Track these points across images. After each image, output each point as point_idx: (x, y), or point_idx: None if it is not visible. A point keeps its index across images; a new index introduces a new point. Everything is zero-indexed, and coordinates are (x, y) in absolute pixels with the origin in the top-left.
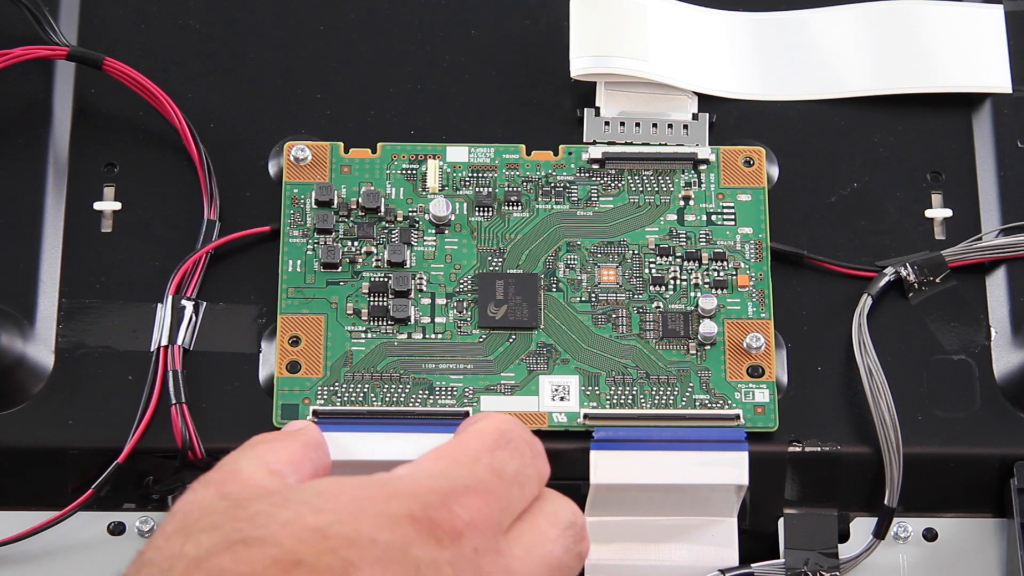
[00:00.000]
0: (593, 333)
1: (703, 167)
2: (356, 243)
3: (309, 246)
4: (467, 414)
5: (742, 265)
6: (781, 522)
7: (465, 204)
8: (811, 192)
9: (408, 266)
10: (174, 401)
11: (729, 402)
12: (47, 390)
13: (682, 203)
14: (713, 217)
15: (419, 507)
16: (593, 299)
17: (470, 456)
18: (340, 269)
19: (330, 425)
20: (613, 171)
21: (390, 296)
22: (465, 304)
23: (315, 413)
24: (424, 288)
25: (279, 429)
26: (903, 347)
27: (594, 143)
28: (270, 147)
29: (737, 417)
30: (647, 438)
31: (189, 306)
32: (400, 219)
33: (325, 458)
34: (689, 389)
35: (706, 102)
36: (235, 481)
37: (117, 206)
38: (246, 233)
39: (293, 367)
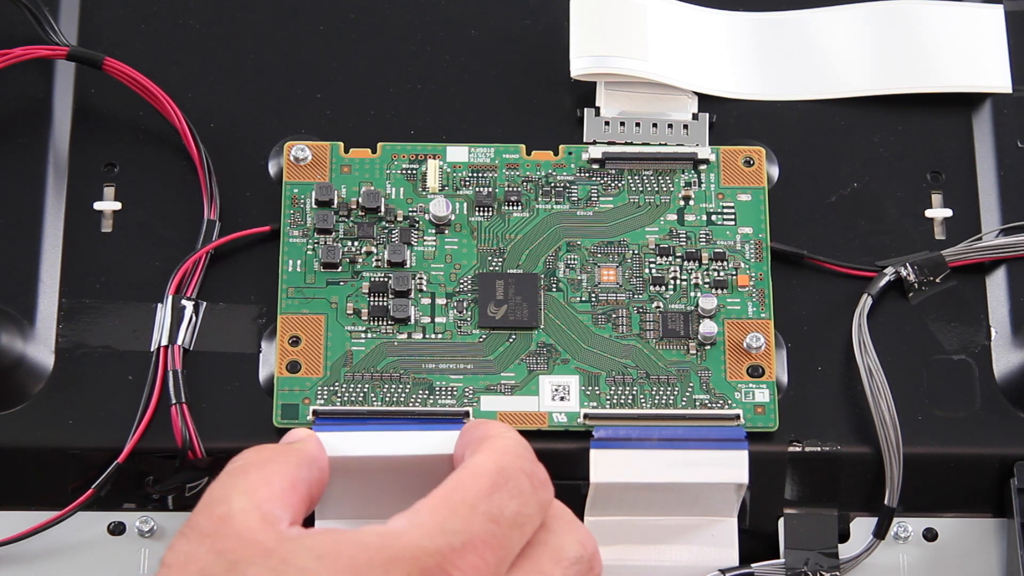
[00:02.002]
0: (593, 333)
1: (703, 167)
2: (356, 243)
3: (309, 246)
4: (467, 414)
5: (742, 265)
6: (781, 522)
7: (465, 204)
8: (811, 192)
9: (408, 266)
10: (174, 401)
11: (729, 402)
12: (47, 390)
13: (682, 203)
14: (713, 217)
15: (418, 572)
16: (593, 299)
17: (468, 504)
18: (340, 269)
19: (330, 425)
20: (613, 171)
21: (390, 296)
22: (465, 304)
23: (315, 413)
24: (424, 288)
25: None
26: (903, 347)
27: (594, 143)
28: (270, 147)
29: (737, 417)
30: (647, 437)
31: (189, 306)
32: (400, 219)
33: (321, 473)
34: (689, 389)
35: (706, 102)
36: (228, 534)
37: (117, 206)
38: (246, 233)
39: (293, 367)
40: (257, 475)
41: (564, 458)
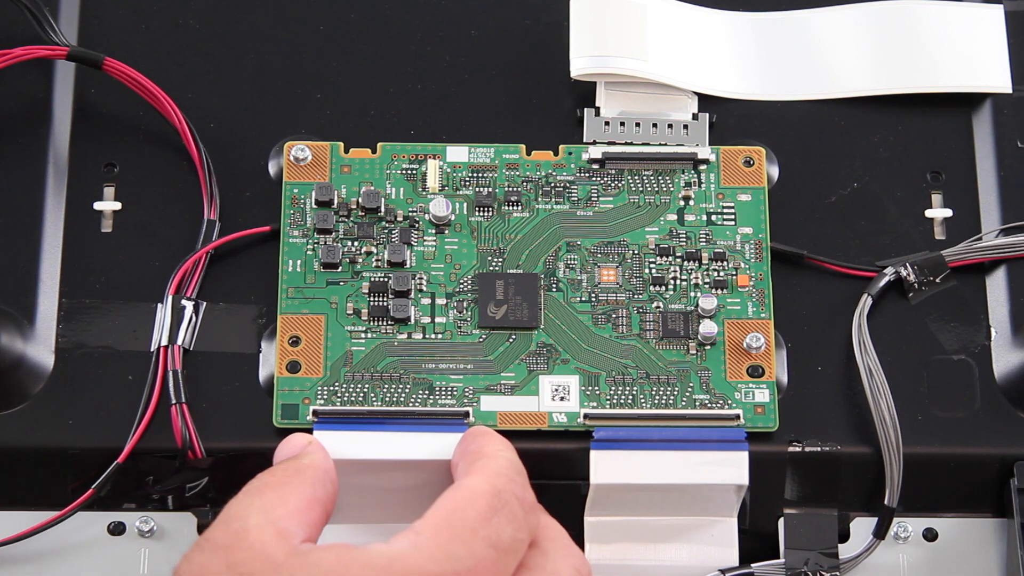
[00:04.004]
0: (593, 333)
1: (703, 167)
2: (356, 243)
3: (309, 246)
4: (467, 414)
5: (742, 265)
6: (781, 522)
7: (465, 204)
8: (811, 192)
9: (408, 266)
10: (174, 401)
11: (729, 402)
12: (47, 390)
13: (682, 203)
14: (713, 217)
15: None
16: (593, 299)
17: (468, 528)
18: (340, 269)
19: (330, 425)
20: (613, 171)
21: (390, 296)
22: (465, 304)
23: (315, 413)
24: (424, 288)
25: (285, 437)
26: (903, 347)
27: (594, 143)
28: (270, 147)
29: (737, 417)
30: (647, 438)
31: (189, 306)
32: (400, 219)
33: (333, 487)
34: (689, 389)
35: (706, 102)
36: (242, 547)
37: (117, 206)
38: (246, 233)
39: (293, 367)
40: (274, 494)
41: (564, 458)
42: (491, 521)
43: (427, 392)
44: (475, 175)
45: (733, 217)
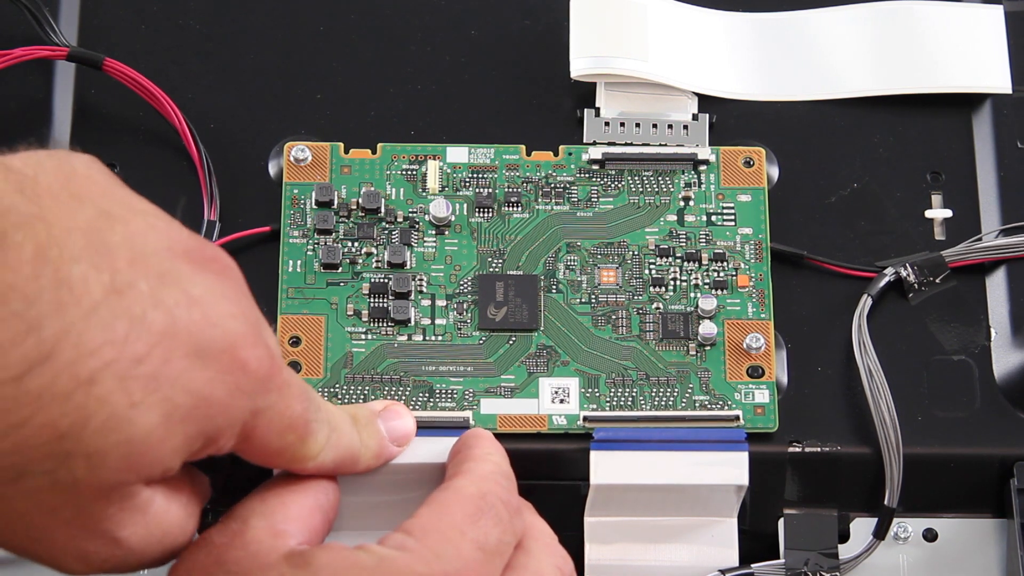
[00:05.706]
0: (593, 335)
1: (703, 167)
2: (356, 244)
3: (309, 246)
4: (467, 418)
5: (742, 265)
6: (781, 522)
7: (465, 205)
8: (811, 192)
9: (408, 267)
10: None
11: (729, 403)
12: None
13: (682, 204)
14: (713, 217)
15: None
16: (593, 300)
17: (456, 530)
18: (340, 270)
19: None
20: (613, 172)
21: (390, 297)
22: (465, 306)
23: None
24: (424, 289)
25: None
26: (903, 347)
27: (594, 143)
28: (270, 147)
29: (737, 418)
30: (647, 438)
31: None
32: (400, 220)
33: (335, 496)
34: (689, 390)
35: (706, 102)
36: (237, 546)
37: None
38: (246, 233)
39: (293, 368)
40: (276, 500)
41: (564, 459)
42: (478, 523)
43: (427, 394)
44: (475, 176)
45: (733, 217)
